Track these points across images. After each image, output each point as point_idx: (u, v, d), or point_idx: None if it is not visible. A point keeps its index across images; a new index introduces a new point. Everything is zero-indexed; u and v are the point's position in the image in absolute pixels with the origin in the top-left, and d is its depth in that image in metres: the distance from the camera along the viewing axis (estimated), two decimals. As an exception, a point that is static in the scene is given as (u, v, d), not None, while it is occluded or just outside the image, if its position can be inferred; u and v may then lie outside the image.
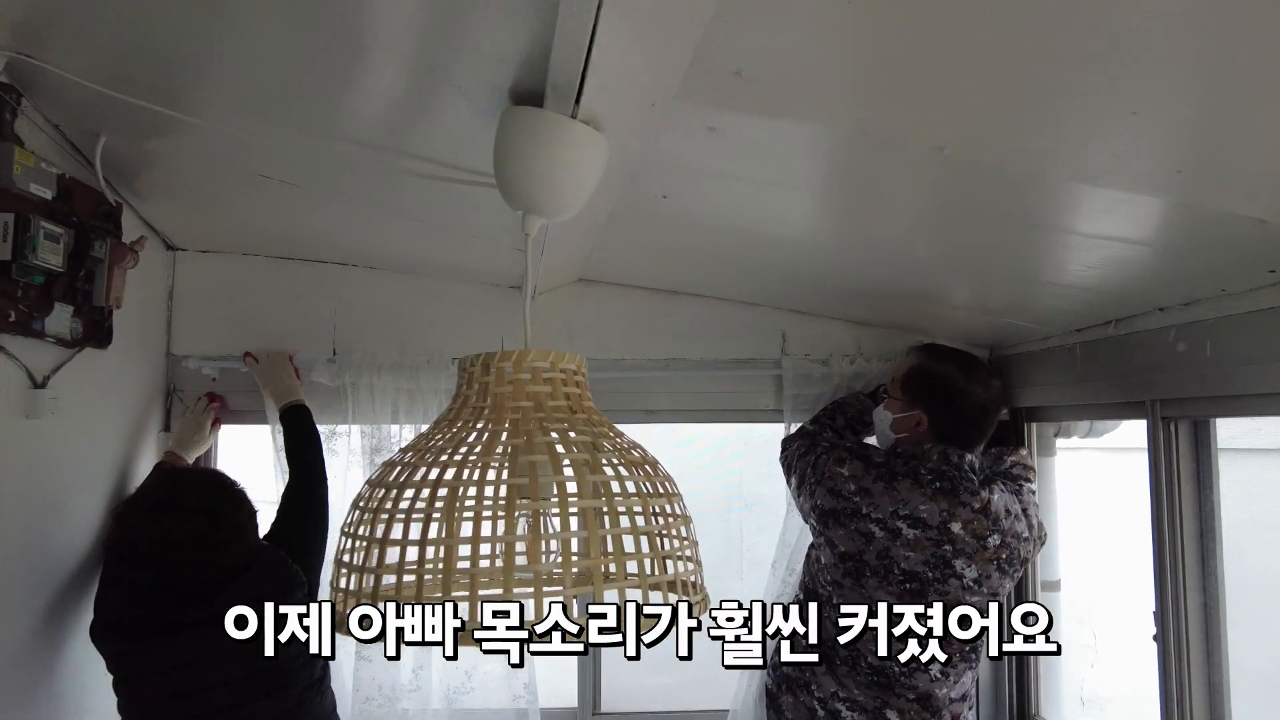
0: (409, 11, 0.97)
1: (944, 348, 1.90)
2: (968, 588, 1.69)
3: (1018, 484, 1.91)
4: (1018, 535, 1.74)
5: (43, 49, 1.46)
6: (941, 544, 1.68)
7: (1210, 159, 1.05)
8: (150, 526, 1.56)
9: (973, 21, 0.79)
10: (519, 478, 0.81)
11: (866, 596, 1.70)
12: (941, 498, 1.68)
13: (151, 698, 1.61)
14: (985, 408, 1.80)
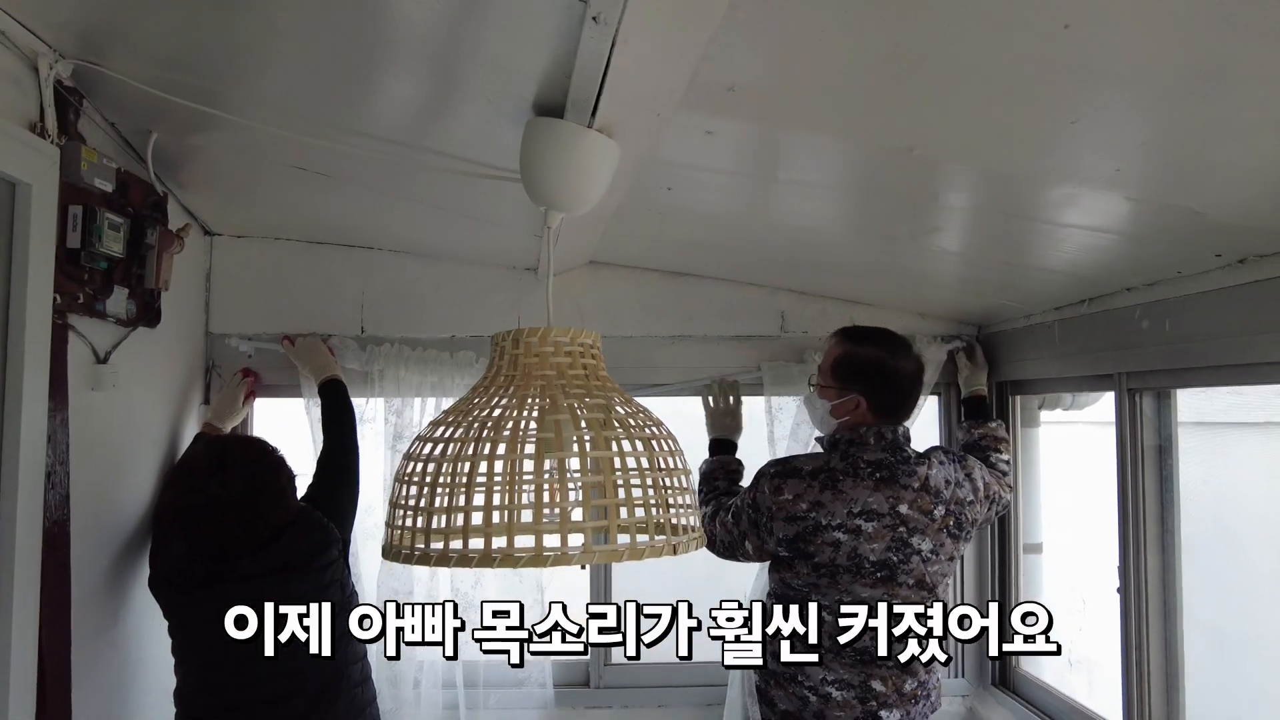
0: (443, 32, 1.12)
1: (864, 331, 2.01)
2: (926, 559, 1.84)
3: (963, 453, 2.04)
4: (961, 501, 1.88)
5: (102, 56, 1.61)
6: (897, 527, 1.82)
7: (1147, 159, 1.19)
8: (199, 490, 1.73)
9: (940, 44, 0.94)
10: (546, 433, 0.97)
11: (843, 590, 1.83)
12: (884, 486, 1.82)
13: (202, 642, 1.80)
14: (914, 379, 1.94)
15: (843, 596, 1.82)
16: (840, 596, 1.82)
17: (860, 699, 1.82)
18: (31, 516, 1.50)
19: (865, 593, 1.82)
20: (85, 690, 1.73)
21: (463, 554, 0.91)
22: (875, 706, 1.82)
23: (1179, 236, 1.51)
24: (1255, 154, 1.14)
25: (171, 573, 1.83)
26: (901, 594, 1.82)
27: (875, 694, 1.82)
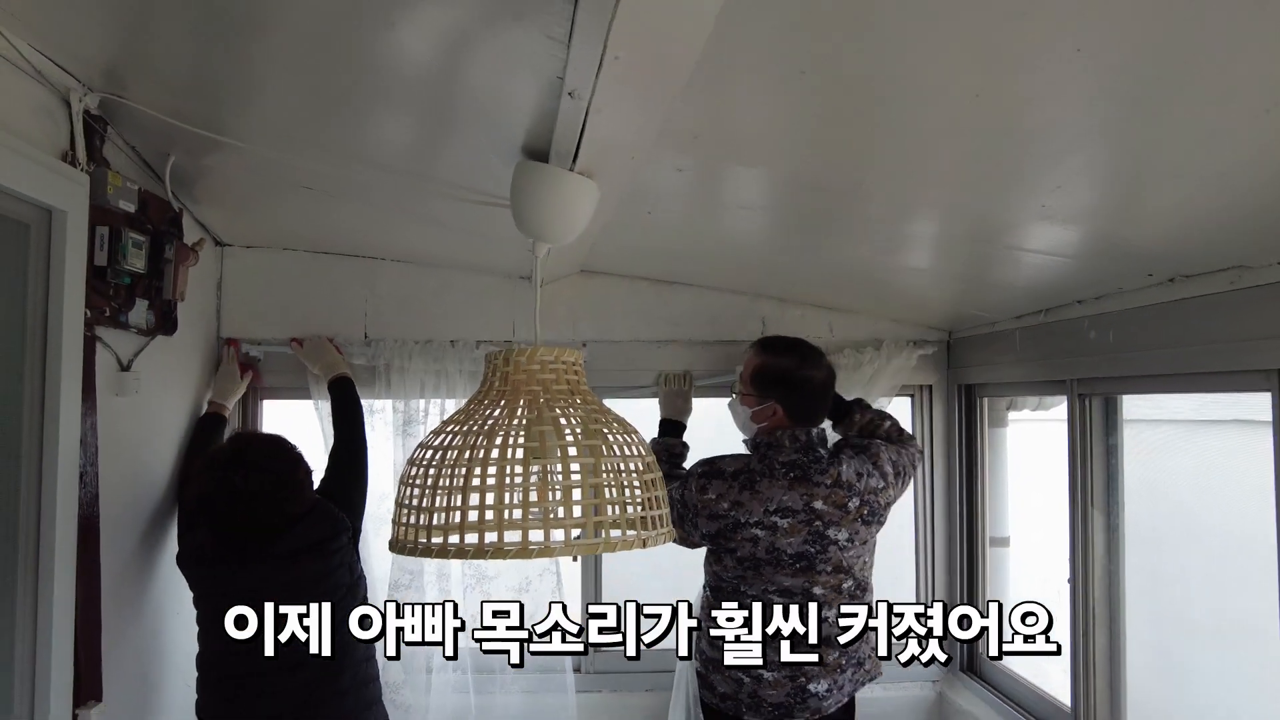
0: (442, 85, 1.26)
1: (779, 342, 2.13)
2: (843, 547, 2.00)
3: (867, 442, 2.15)
4: (874, 490, 2.03)
5: (124, 87, 1.75)
6: (813, 521, 1.98)
7: (1075, 199, 1.34)
8: (224, 482, 1.88)
9: (873, 110, 1.08)
10: (532, 442, 1.11)
11: (768, 580, 1.99)
12: (799, 485, 1.98)
13: (223, 612, 1.95)
14: (824, 386, 2.08)
15: (767, 586, 1.98)
16: (765, 586, 1.98)
17: (790, 676, 1.98)
18: (68, 513, 1.65)
19: (787, 581, 1.98)
20: (115, 665, 1.89)
21: (459, 547, 1.06)
22: (804, 681, 1.98)
23: (1116, 259, 1.65)
24: (1171, 197, 1.29)
25: (198, 553, 2.00)
26: (821, 580, 1.99)
27: (802, 669, 1.98)
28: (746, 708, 2.01)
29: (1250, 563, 1.55)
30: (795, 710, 1.99)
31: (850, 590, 2.04)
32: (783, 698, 1.99)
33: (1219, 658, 2.37)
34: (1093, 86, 0.93)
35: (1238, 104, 0.93)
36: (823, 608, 1.97)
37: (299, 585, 1.92)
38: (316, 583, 1.96)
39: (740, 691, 2.01)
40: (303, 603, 1.91)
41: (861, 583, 2.07)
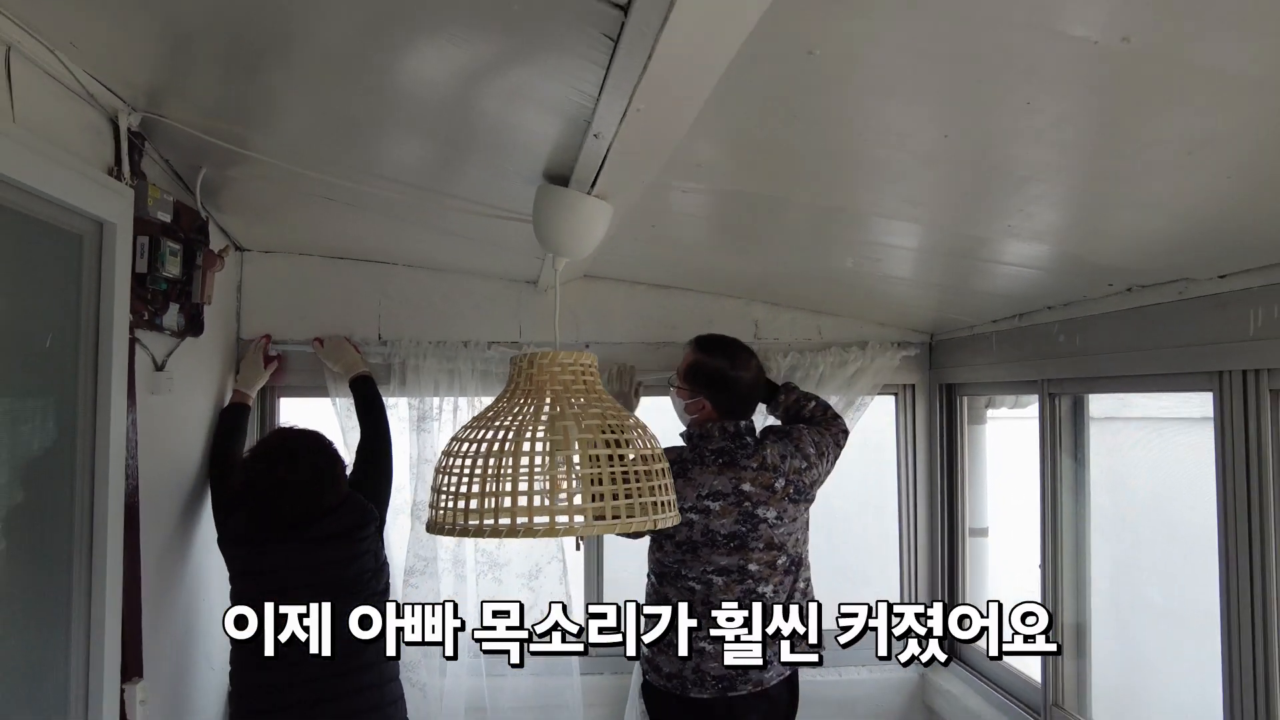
0: (472, 114, 1.40)
1: (713, 342, 2.29)
2: (773, 525, 2.17)
3: (790, 428, 2.31)
4: (798, 470, 2.20)
5: (161, 106, 1.88)
6: (742, 503, 2.15)
7: (1038, 221, 1.49)
8: (269, 473, 2.05)
9: (865, 145, 1.23)
10: (555, 435, 1.26)
11: (705, 561, 2.15)
12: (727, 469, 2.15)
13: (257, 590, 2.09)
14: (751, 386, 2.25)
15: (706, 566, 2.14)
16: (705, 567, 2.14)
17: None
18: (117, 502, 1.78)
19: (724, 560, 2.14)
20: (154, 643, 2.03)
21: (494, 527, 1.21)
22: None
23: (1080, 271, 1.81)
24: (1121, 220, 1.45)
25: (240, 533, 2.16)
26: (754, 556, 2.15)
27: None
28: (691, 684, 2.14)
29: (1205, 553, 1.70)
30: (738, 682, 2.14)
31: (785, 566, 2.20)
32: (724, 670, 2.13)
33: (1175, 642, 2.54)
34: (1042, 132, 1.08)
35: (1165, 148, 1.09)
36: (760, 583, 2.15)
37: (329, 567, 2.09)
38: (345, 566, 2.12)
39: (685, 668, 2.15)
40: (331, 583, 2.08)
41: (795, 558, 2.24)
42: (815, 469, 2.26)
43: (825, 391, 2.68)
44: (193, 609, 2.36)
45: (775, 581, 2.19)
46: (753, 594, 2.16)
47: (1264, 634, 1.52)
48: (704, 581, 2.15)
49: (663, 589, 2.22)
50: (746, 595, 2.16)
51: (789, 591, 2.23)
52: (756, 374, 2.28)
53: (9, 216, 1.50)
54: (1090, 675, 2.23)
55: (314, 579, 2.08)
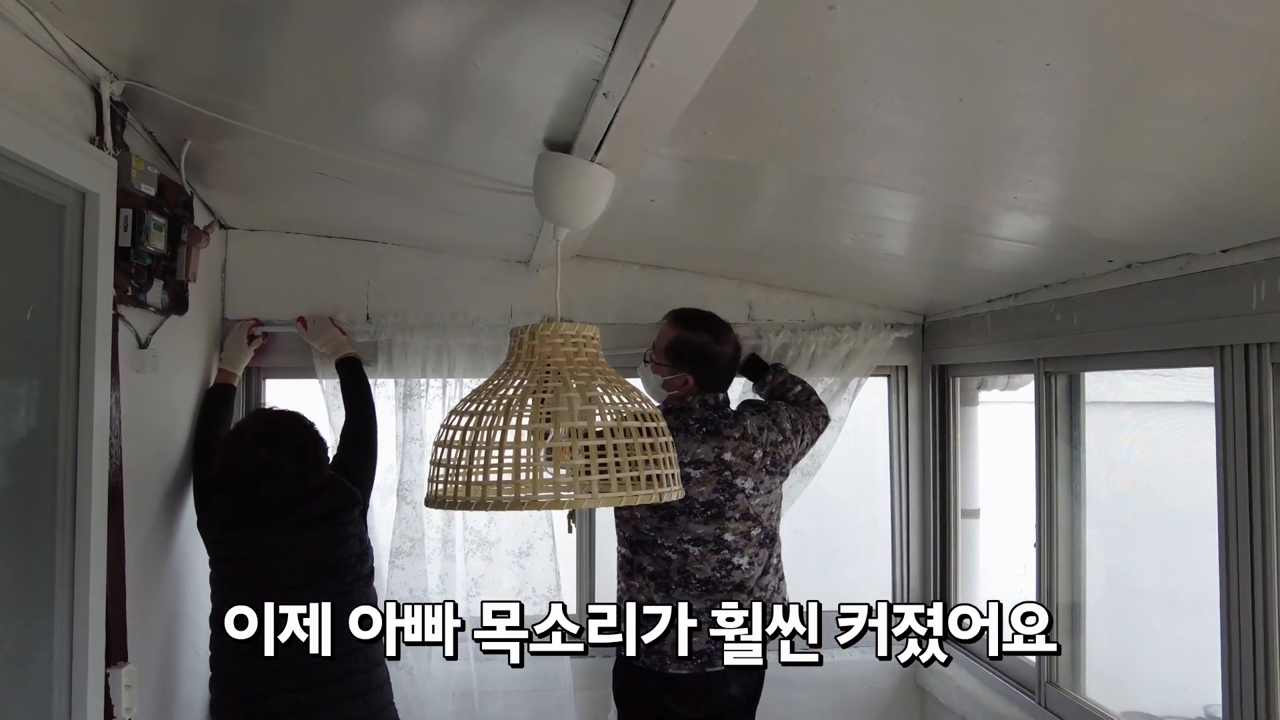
0: (472, 80, 1.36)
1: (693, 316, 2.28)
2: (750, 495, 2.18)
3: (767, 402, 2.35)
4: (775, 443, 2.22)
5: (147, 75, 1.83)
6: (722, 472, 2.16)
7: (1043, 193, 1.48)
8: (251, 455, 2.00)
9: (859, 114, 1.20)
10: (557, 406, 1.23)
11: (682, 529, 2.14)
12: (710, 438, 2.16)
13: (241, 576, 2.08)
14: (733, 359, 2.27)
15: (682, 535, 2.14)
16: (681, 535, 2.14)
17: (709, 622, 2.08)
18: (100, 482, 1.74)
19: (700, 529, 2.14)
20: (139, 627, 1.99)
21: (497, 500, 1.18)
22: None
23: (1079, 246, 1.81)
24: (1127, 192, 1.44)
25: (222, 516, 2.11)
26: (731, 526, 2.16)
27: (715, 619, 2.08)
28: (670, 659, 2.12)
29: (1198, 534, 1.70)
30: (716, 657, 2.13)
31: (759, 538, 2.21)
32: (704, 644, 2.12)
33: (1169, 621, 2.56)
34: (1059, 97, 1.07)
35: (1181, 115, 1.07)
36: (735, 554, 2.14)
37: (313, 551, 2.05)
38: (329, 550, 2.08)
39: (664, 644, 2.10)
40: (314, 567, 2.05)
41: (769, 532, 2.24)
42: (790, 444, 2.27)
43: (818, 371, 2.68)
44: (179, 593, 2.31)
45: (751, 553, 2.19)
46: (728, 564, 2.16)
47: (1264, 606, 1.52)
48: (680, 551, 2.14)
49: (636, 558, 2.20)
50: (722, 565, 2.16)
51: (764, 566, 2.23)
52: (736, 347, 2.29)
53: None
54: (1085, 654, 2.24)
55: (297, 564, 2.04)
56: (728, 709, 2.21)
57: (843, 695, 2.79)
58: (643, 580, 2.19)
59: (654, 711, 2.19)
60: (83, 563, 1.67)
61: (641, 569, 2.19)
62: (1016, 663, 2.42)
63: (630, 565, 2.22)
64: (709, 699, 2.17)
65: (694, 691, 2.16)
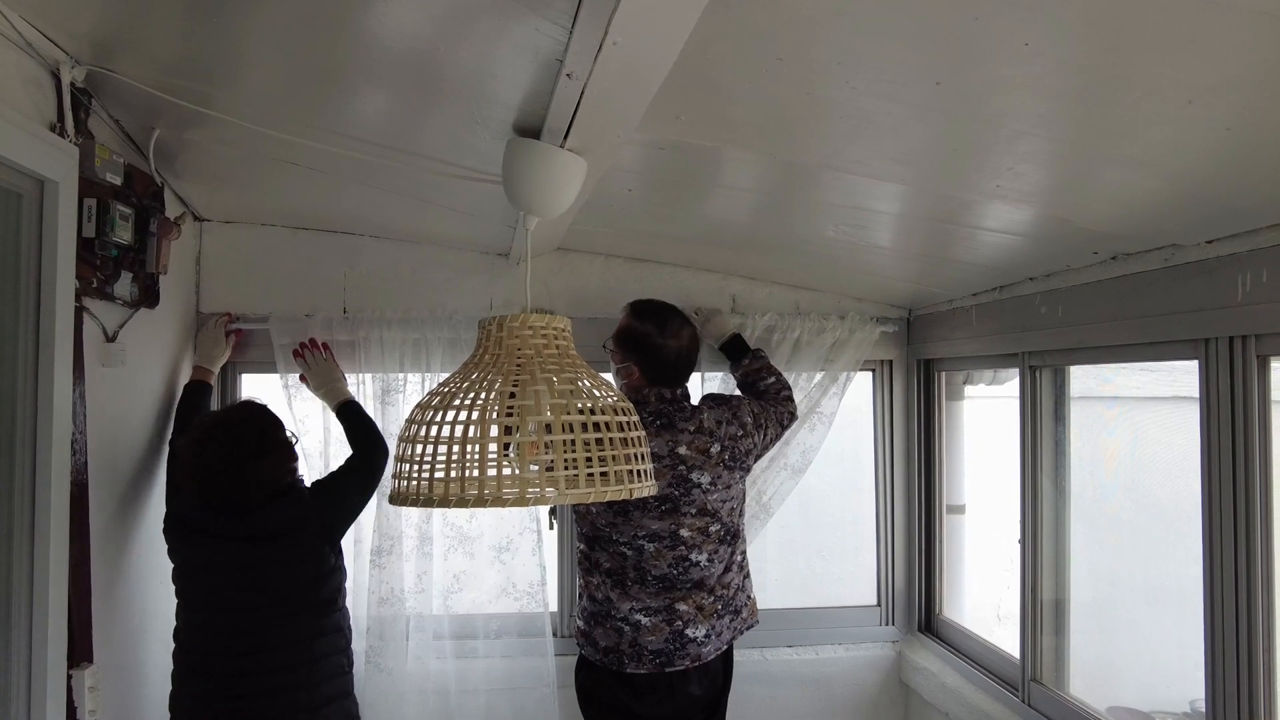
0: (437, 62, 1.32)
1: (647, 307, 2.24)
2: (707, 490, 2.14)
3: (729, 396, 2.32)
4: (734, 437, 2.18)
5: (111, 61, 1.78)
6: (677, 466, 2.11)
7: (1026, 181, 1.45)
8: (194, 451, 1.92)
9: (841, 98, 1.17)
10: (525, 400, 1.19)
11: (637, 525, 2.11)
12: (664, 432, 2.11)
13: (193, 589, 2.01)
14: (679, 355, 2.19)
15: (637, 531, 2.10)
16: (635, 531, 2.10)
17: (667, 620, 2.11)
18: (61, 479, 1.69)
19: (654, 525, 2.10)
20: (104, 628, 1.94)
21: (460, 497, 1.14)
22: (681, 626, 2.11)
23: (1064, 238, 1.78)
24: (1110, 180, 1.41)
25: (183, 515, 2.02)
26: (687, 522, 2.12)
27: (679, 614, 2.11)
28: (628, 658, 2.10)
29: (1181, 529, 1.68)
30: (675, 657, 2.10)
31: (719, 535, 2.16)
32: (662, 644, 2.10)
33: (1154, 619, 2.54)
34: (1038, 79, 1.03)
35: (1163, 97, 1.04)
36: (692, 550, 2.11)
37: (261, 569, 1.96)
38: (279, 570, 1.97)
39: (622, 642, 2.11)
40: (264, 587, 1.96)
41: (730, 528, 2.20)
42: (751, 438, 2.23)
43: (802, 361, 2.65)
44: (147, 592, 2.26)
45: (709, 550, 2.14)
46: (685, 561, 2.12)
47: (1248, 599, 1.50)
48: (635, 547, 2.11)
49: (594, 554, 2.18)
50: (679, 562, 2.12)
51: (726, 563, 2.19)
52: (689, 344, 2.22)
53: (-63, 169, 1.40)
54: (1069, 650, 2.22)
55: (247, 582, 1.95)
56: (691, 709, 2.17)
57: (827, 692, 2.77)
58: (600, 577, 2.15)
59: (615, 711, 2.16)
60: (42, 561, 1.63)
61: (598, 565, 2.16)
62: (999, 659, 2.40)
63: (588, 561, 2.19)
64: (671, 698, 2.13)
65: (654, 691, 2.13)
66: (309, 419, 2.54)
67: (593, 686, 2.19)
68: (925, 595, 2.83)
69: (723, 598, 2.17)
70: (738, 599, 2.21)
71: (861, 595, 2.92)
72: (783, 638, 2.79)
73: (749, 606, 2.26)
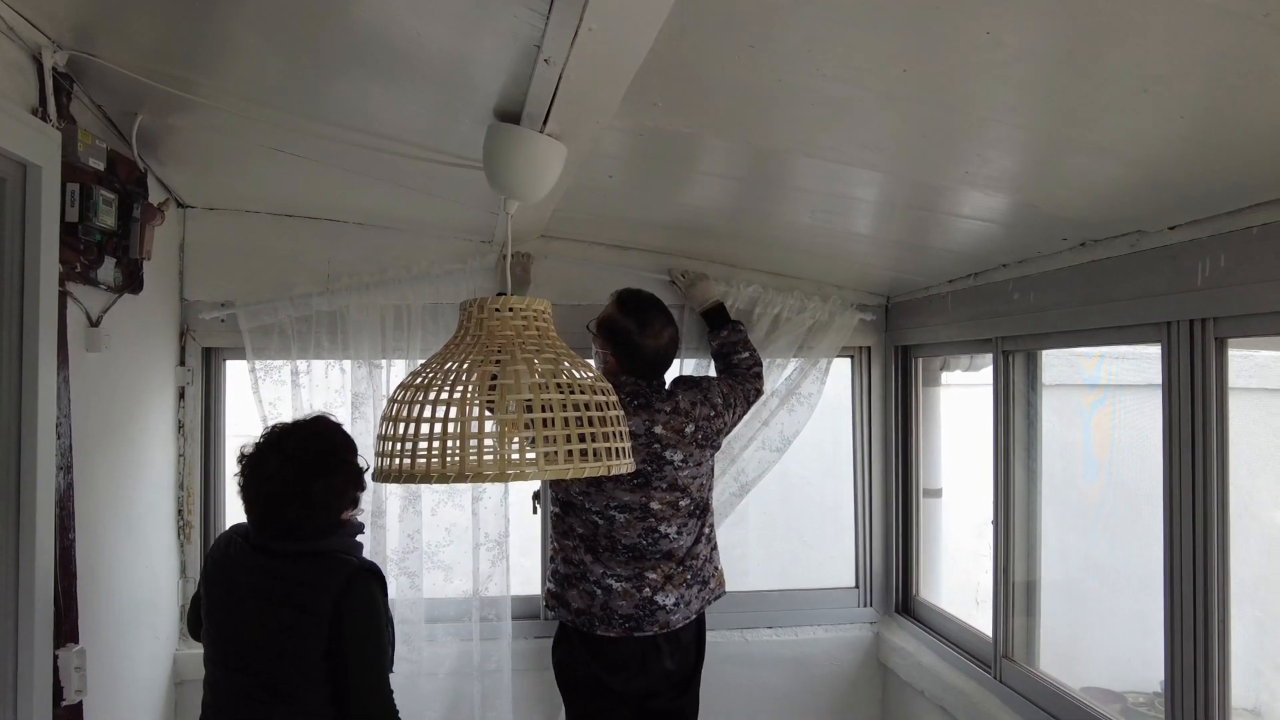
0: (419, 49, 1.34)
1: (633, 300, 2.26)
2: (678, 467, 2.21)
3: (699, 378, 2.37)
4: (707, 417, 2.25)
5: (94, 45, 1.78)
6: (651, 444, 2.19)
7: (995, 167, 1.49)
8: (251, 472, 1.71)
9: (816, 84, 1.20)
10: (506, 380, 1.22)
11: (609, 496, 2.17)
12: (641, 411, 2.18)
13: (205, 621, 1.79)
14: (657, 354, 2.24)
15: (609, 501, 2.17)
16: (607, 501, 2.17)
17: (636, 587, 2.18)
18: (47, 463, 1.71)
19: (626, 496, 2.18)
20: (89, 610, 1.95)
21: (441, 472, 1.17)
22: (650, 593, 2.19)
23: (1035, 225, 1.82)
24: (1075, 167, 1.45)
25: (216, 547, 1.84)
26: (657, 495, 2.19)
27: (649, 581, 2.18)
28: (599, 620, 2.18)
29: (1152, 514, 1.73)
30: (644, 623, 2.17)
31: (688, 509, 2.24)
32: (631, 609, 2.17)
33: (1124, 601, 2.61)
34: (1000, 67, 1.07)
35: (1119, 85, 1.08)
36: (661, 522, 2.18)
37: (254, 630, 1.70)
38: (274, 647, 1.68)
39: (593, 605, 2.19)
40: (257, 651, 1.69)
41: (699, 502, 2.28)
42: (722, 418, 2.30)
43: (779, 340, 2.69)
44: (134, 578, 2.28)
45: (679, 523, 2.22)
46: (654, 532, 2.19)
47: (1205, 579, 1.55)
48: (606, 516, 2.18)
49: (567, 519, 2.25)
50: (648, 534, 2.19)
51: (695, 535, 2.26)
52: (666, 344, 2.25)
53: (-80, 152, 1.41)
54: (1039, 629, 2.27)
55: (246, 640, 1.70)
56: (663, 684, 2.23)
57: (807, 673, 2.82)
58: (574, 541, 2.24)
59: (592, 689, 2.21)
60: (27, 543, 1.64)
61: (572, 530, 2.24)
62: (973, 638, 2.46)
63: (563, 524, 2.27)
64: (644, 672, 2.19)
65: (627, 665, 2.18)
66: (279, 402, 2.56)
67: (569, 663, 2.24)
68: (902, 577, 2.88)
69: (691, 568, 2.24)
70: (705, 570, 2.29)
71: (840, 578, 2.97)
72: (763, 619, 2.85)
73: (716, 577, 2.34)
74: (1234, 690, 1.57)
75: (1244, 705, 2.38)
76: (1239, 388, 1.64)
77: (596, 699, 2.22)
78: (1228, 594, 1.55)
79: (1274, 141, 1.19)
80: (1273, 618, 2.35)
